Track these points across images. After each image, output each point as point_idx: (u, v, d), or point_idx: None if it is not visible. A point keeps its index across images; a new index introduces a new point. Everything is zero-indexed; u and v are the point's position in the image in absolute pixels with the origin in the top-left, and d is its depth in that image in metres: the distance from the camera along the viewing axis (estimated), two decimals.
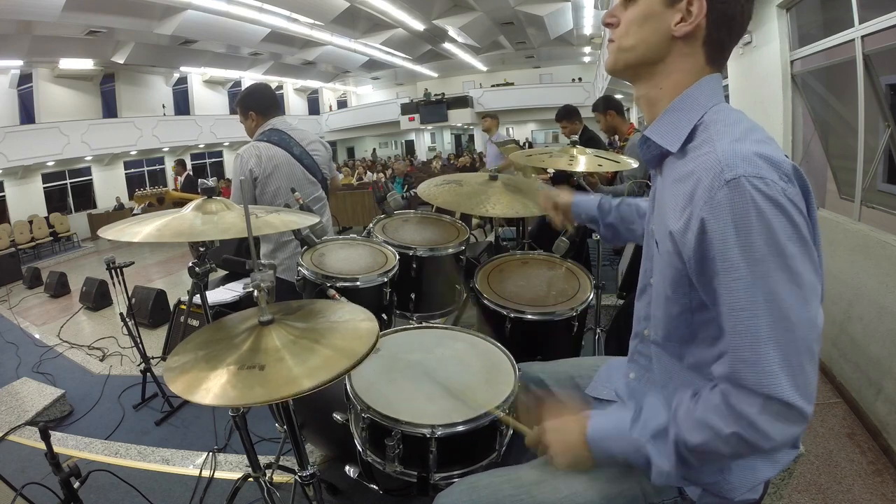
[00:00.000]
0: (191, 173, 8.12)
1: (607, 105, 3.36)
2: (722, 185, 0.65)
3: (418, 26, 13.74)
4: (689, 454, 0.73)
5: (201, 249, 1.35)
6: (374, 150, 24.85)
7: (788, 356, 0.64)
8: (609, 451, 0.82)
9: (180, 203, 1.11)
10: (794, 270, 0.64)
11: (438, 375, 1.17)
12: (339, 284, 1.52)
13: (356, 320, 0.99)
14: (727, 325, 0.67)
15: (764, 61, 4.40)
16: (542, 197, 1.34)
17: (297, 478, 1.20)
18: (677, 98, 0.78)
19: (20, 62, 11.60)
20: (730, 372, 0.67)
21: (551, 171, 1.89)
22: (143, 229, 1.06)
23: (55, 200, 13.45)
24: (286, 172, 2.20)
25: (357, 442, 1.15)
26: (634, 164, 1.92)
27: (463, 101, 20.30)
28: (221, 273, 4.35)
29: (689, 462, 0.74)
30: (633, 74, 0.83)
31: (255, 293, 0.93)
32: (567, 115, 3.83)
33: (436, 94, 20.74)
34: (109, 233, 1.09)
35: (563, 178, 3.17)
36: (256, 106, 2.30)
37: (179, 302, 3.89)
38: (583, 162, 1.87)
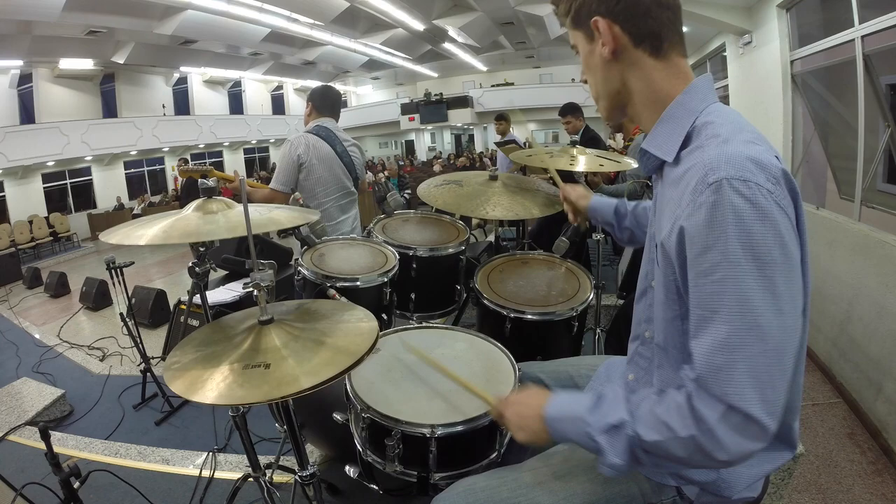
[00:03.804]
0: None
1: None
2: (704, 189, 0.64)
3: (418, 26, 13.70)
4: (643, 452, 0.72)
5: (201, 249, 1.34)
6: (410, 141, 23.61)
7: (757, 367, 0.61)
8: (564, 433, 0.81)
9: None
10: (770, 278, 0.62)
11: (437, 376, 1.16)
12: (339, 284, 1.52)
13: (356, 320, 0.99)
14: (699, 329, 0.66)
15: (764, 61, 4.40)
16: (562, 193, 1.41)
17: (297, 478, 1.20)
18: (669, 107, 0.77)
19: (20, 62, 11.60)
20: (696, 375, 0.66)
21: None
22: (148, 232, 1.05)
23: (55, 200, 13.46)
24: (328, 165, 2.39)
25: (357, 442, 1.15)
26: (635, 164, 1.92)
27: (463, 101, 20.24)
28: (221, 273, 4.35)
29: (641, 460, 0.73)
30: (623, 113, 0.84)
31: (255, 293, 0.93)
32: (571, 110, 3.88)
33: (436, 94, 20.69)
34: (114, 237, 1.05)
35: (568, 178, 3.18)
36: (317, 100, 2.52)
37: (179, 302, 3.88)
38: (583, 162, 1.87)
